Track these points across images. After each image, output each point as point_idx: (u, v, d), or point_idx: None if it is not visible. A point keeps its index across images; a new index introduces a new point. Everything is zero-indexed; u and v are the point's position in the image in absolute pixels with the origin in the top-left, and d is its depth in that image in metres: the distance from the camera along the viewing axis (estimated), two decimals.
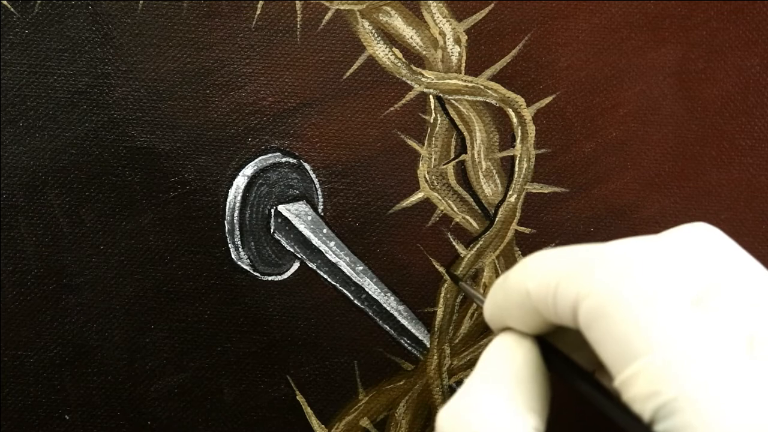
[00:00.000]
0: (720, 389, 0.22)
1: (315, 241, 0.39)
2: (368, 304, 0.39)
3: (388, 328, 0.40)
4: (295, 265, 0.39)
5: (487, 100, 0.39)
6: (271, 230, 0.39)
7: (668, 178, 0.39)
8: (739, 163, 0.39)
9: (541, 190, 0.39)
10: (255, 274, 0.39)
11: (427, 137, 0.39)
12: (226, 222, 0.39)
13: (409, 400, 0.40)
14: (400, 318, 0.40)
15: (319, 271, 0.39)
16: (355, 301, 0.39)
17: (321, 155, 0.39)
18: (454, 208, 0.39)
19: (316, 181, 0.39)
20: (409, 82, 0.39)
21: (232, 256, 0.39)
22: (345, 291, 0.39)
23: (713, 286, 0.25)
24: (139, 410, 0.39)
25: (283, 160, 0.39)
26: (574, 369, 0.27)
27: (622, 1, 0.38)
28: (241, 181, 0.39)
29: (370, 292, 0.39)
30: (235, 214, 0.39)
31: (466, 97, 0.39)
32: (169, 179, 0.39)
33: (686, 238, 0.27)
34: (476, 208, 0.40)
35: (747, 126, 0.39)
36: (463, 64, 0.39)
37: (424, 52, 0.39)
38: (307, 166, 0.39)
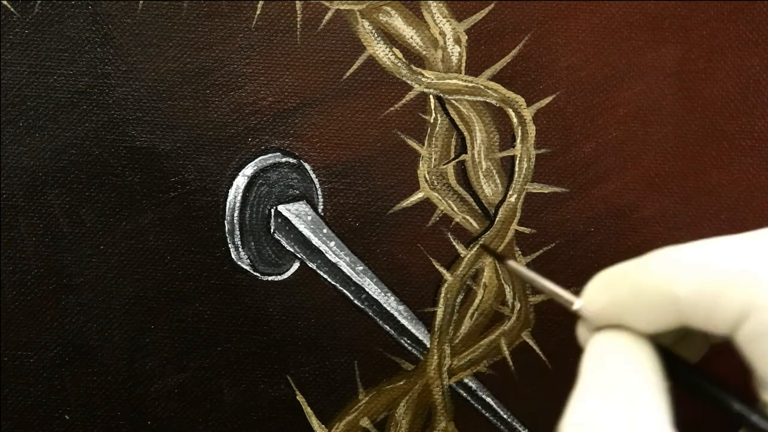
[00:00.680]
0: None
1: (315, 241, 0.39)
2: (368, 304, 0.39)
3: (388, 328, 0.40)
4: (295, 265, 0.39)
5: (487, 100, 0.39)
6: (271, 230, 0.39)
7: (668, 178, 0.39)
8: (739, 163, 0.39)
9: (541, 190, 0.39)
10: (255, 274, 0.39)
11: (427, 137, 0.39)
12: (226, 222, 0.39)
13: (409, 400, 0.40)
14: (400, 318, 0.40)
15: (319, 271, 0.39)
16: (355, 301, 0.39)
17: (321, 155, 0.39)
18: (454, 208, 0.39)
19: (316, 181, 0.39)
20: (409, 82, 0.39)
21: (232, 256, 0.39)
22: (345, 291, 0.39)
23: None
24: (139, 410, 0.39)
25: (283, 160, 0.39)
26: (704, 377, 0.26)
27: (622, 1, 0.38)
28: (241, 181, 0.39)
29: (370, 292, 0.39)
30: (235, 214, 0.39)
31: (466, 97, 0.39)
32: (169, 179, 0.39)
33: None
34: (476, 208, 0.40)
35: (747, 126, 0.39)
36: (463, 64, 0.39)
37: (424, 52, 0.39)
38: (307, 166, 0.39)
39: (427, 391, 0.40)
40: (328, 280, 0.39)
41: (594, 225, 0.39)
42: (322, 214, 0.39)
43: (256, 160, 0.39)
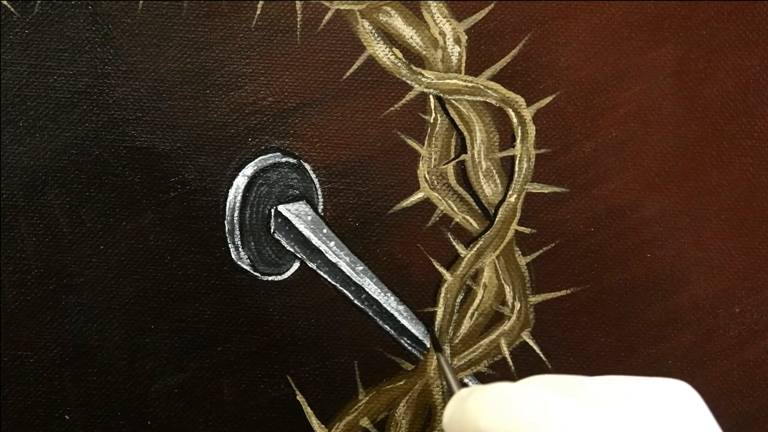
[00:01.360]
0: None
1: (315, 241, 0.39)
2: (368, 304, 0.39)
3: (388, 328, 0.40)
4: (295, 265, 0.39)
5: (487, 100, 0.39)
6: (271, 230, 0.39)
7: (668, 178, 0.39)
8: (739, 163, 0.39)
9: (541, 190, 0.39)
10: (255, 274, 0.39)
11: (427, 137, 0.39)
12: (226, 222, 0.39)
13: (409, 400, 0.40)
14: (400, 318, 0.40)
15: (319, 271, 0.39)
16: (355, 301, 0.39)
17: (321, 155, 0.39)
18: (454, 208, 0.39)
19: (316, 181, 0.39)
20: (409, 82, 0.39)
21: (232, 256, 0.39)
22: (345, 291, 0.39)
23: None
24: (139, 410, 0.39)
25: (283, 160, 0.39)
26: None
27: (622, 1, 0.38)
28: (241, 181, 0.39)
29: (370, 292, 0.39)
30: (235, 214, 0.39)
31: (466, 97, 0.39)
32: (169, 179, 0.39)
33: (662, 404, 0.27)
34: (476, 208, 0.40)
35: (747, 126, 0.39)
36: (463, 64, 0.39)
37: (424, 52, 0.39)
38: (307, 166, 0.39)
39: (427, 391, 0.40)
40: (328, 280, 0.39)
41: (594, 225, 0.39)
42: (322, 214, 0.39)
43: (256, 160, 0.39)
